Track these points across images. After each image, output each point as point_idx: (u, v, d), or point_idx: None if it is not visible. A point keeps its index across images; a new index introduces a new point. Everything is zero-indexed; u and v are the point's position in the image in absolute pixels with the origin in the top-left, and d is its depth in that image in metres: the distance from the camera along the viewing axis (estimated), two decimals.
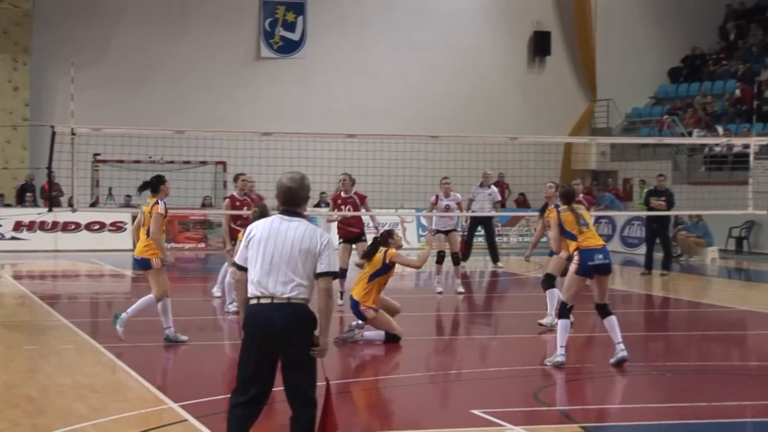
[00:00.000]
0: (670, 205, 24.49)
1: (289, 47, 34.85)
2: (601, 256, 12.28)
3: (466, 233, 26.50)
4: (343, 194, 17.72)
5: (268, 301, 7.23)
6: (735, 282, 17.50)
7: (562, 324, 12.34)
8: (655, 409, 10.62)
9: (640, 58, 38.10)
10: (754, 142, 21.39)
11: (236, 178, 17.81)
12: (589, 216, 12.76)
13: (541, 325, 15.25)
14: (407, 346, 13.84)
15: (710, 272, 22.52)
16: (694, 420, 10.15)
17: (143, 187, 13.75)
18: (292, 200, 7.43)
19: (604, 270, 12.33)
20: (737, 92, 33.78)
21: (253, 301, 7.29)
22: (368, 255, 14.04)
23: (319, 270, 7.29)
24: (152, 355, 13.43)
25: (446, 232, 19.67)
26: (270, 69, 34.68)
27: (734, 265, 26.58)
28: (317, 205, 31.06)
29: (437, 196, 19.93)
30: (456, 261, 19.74)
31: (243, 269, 7.43)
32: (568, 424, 9.59)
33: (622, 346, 12.27)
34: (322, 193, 30.60)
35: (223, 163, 31.72)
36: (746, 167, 22.92)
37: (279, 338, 7.21)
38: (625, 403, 11.12)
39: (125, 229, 29.79)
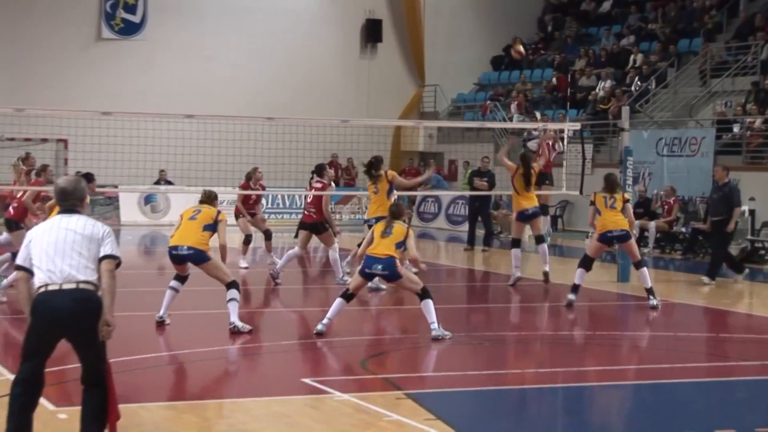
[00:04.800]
0: (491, 185, 24.99)
1: (130, 29, 34.21)
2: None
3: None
4: None
5: (57, 287, 7.19)
6: (550, 258, 17.89)
7: (338, 302, 12.43)
8: (474, 376, 10.76)
9: (466, 46, 38.62)
10: (568, 127, 21.80)
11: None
12: None
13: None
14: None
15: (528, 248, 22.92)
16: (510, 386, 10.35)
17: None
18: (68, 199, 7.49)
19: None
20: (554, 80, 34.51)
21: (42, 289, 7.23)
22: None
23: (102, 253, 7.33)
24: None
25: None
26: (111, 50, 33.93)
27: (549, 242, 27.15)
28: (157, 182, 30.71)
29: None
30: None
31: (24, 270, 7.37)
32: (393, 391, 9.65)
33: (435, 325, 12.27)
34: (162, 170, 30.18)
35: (65, 141, 30.97)
36: (561, 151, 23.38)
37: (67, 322, 7.19)
38: (445, 370, 11.22)
39: None
